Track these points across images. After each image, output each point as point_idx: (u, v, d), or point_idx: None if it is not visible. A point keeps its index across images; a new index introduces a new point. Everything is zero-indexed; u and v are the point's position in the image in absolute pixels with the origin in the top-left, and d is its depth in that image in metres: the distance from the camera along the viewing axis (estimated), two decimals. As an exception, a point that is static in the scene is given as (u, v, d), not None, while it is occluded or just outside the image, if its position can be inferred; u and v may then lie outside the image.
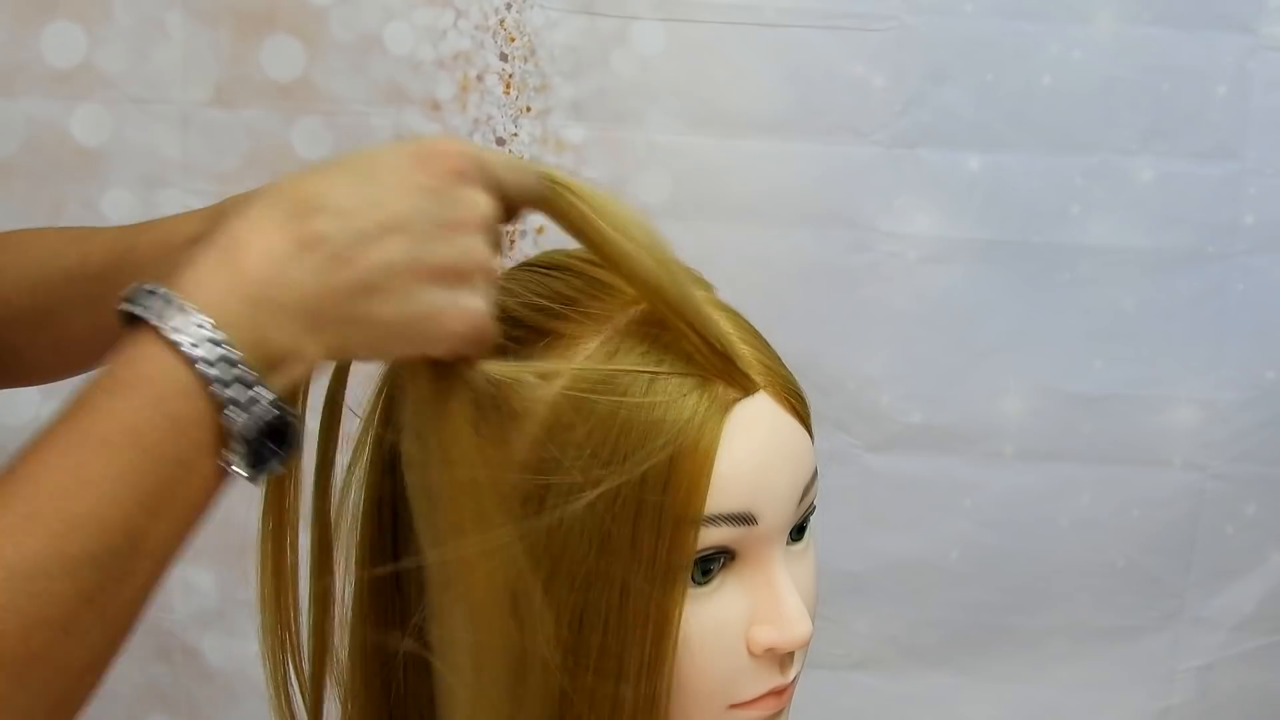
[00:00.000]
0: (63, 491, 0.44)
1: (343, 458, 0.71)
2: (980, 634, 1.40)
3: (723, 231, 1.32)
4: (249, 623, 0.72)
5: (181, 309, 0.47)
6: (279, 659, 0.68)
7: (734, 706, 0.61)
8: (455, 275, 0.53)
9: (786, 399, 0.62)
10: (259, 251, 0.49)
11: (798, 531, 0.64)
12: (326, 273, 0.49)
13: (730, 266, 0.75)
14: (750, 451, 0.59)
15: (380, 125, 1.30)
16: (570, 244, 0.70)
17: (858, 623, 1.40)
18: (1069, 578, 1.39)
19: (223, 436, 0.48)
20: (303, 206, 0.50)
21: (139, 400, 0.46)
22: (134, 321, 0.48)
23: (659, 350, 0.60)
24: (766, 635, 0.60)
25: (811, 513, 0.65)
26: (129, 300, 0.48)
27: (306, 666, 0.69)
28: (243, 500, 0.67)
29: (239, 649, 1.39)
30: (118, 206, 1.32)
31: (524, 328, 0.62)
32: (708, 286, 0.67)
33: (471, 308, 0.54)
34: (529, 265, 0.67)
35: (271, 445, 0.50)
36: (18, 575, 0.43)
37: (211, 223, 0.61)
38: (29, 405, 1.34)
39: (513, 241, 1.33)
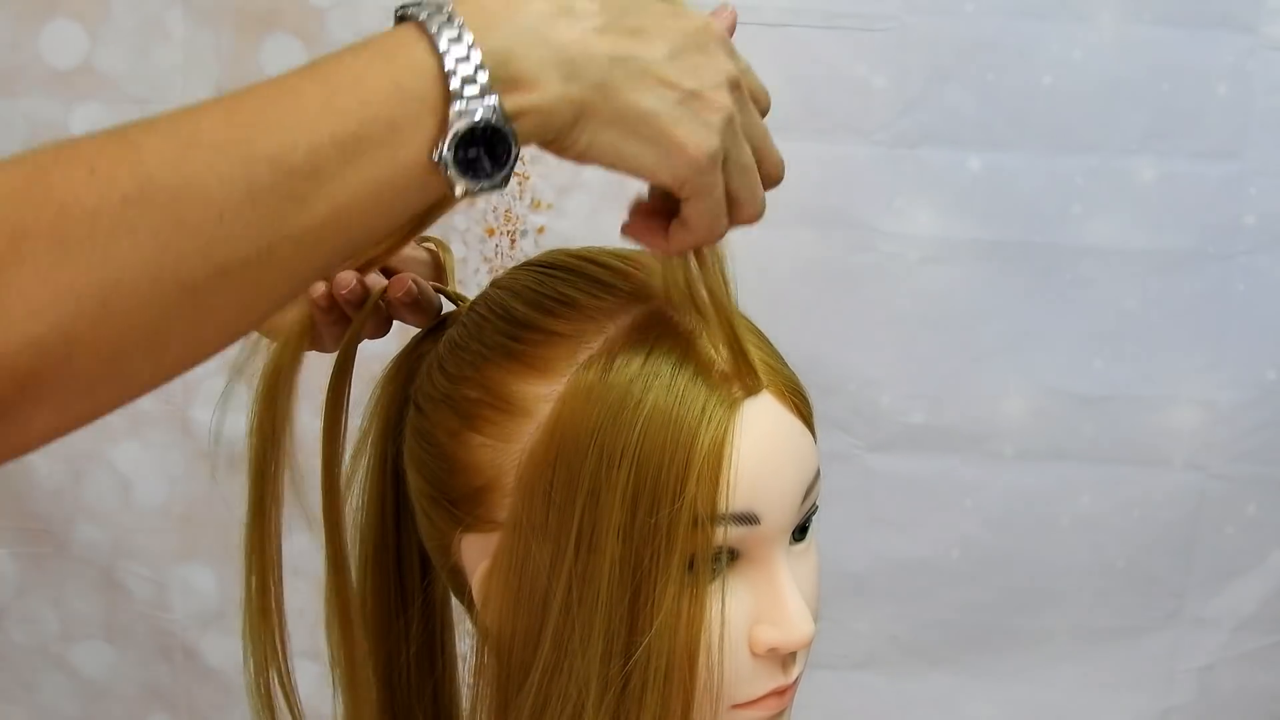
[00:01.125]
0: (267, 99, 0.47)
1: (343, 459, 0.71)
2: (981, 634, 1.40)
3: (723, 231, 1.31)
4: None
5: (443, 10, 0.49)
6: (262, 656, 0.68)
7: (736, 706, 0.61)
8: (699, 101, 0.54)
9: (790, 399, 0.62)
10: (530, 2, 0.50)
11: (800, 531, 0.64)
12: (590, 35, 0.51)
13: (730, 266, 0.75)
14: (754, 451, 0.59)
15: (380, 125, 1.30)
16: (571, 243, 0.70)
17: (859, 623, 1.40)
18: (1069, 578, 1.39)
19: (442, 127, 0.49)
20: None
21: (373, 57, 0.48)
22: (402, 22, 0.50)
23: (662, 350, 0.60)
24: (769, 635, 0.60)
25: (814, 513, 0.65)
26: (405, 6, 0.50)
27: (292, 664, 0.69)
28: (242, 501, 0.67)
29: (239, 649, 1.39)
30: (118, 206, 1.32)
31: (527, 327, 0.62)
32: None
33: (705, 136, 0.54)
34: (531, 265, 0.67)
35: (485, 158, 0.50)
36: (195, 145, 0.45)
37: None
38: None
39: (513, 241, 1.33)
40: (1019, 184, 1.31)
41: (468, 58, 0.48)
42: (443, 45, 0.48)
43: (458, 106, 0.48)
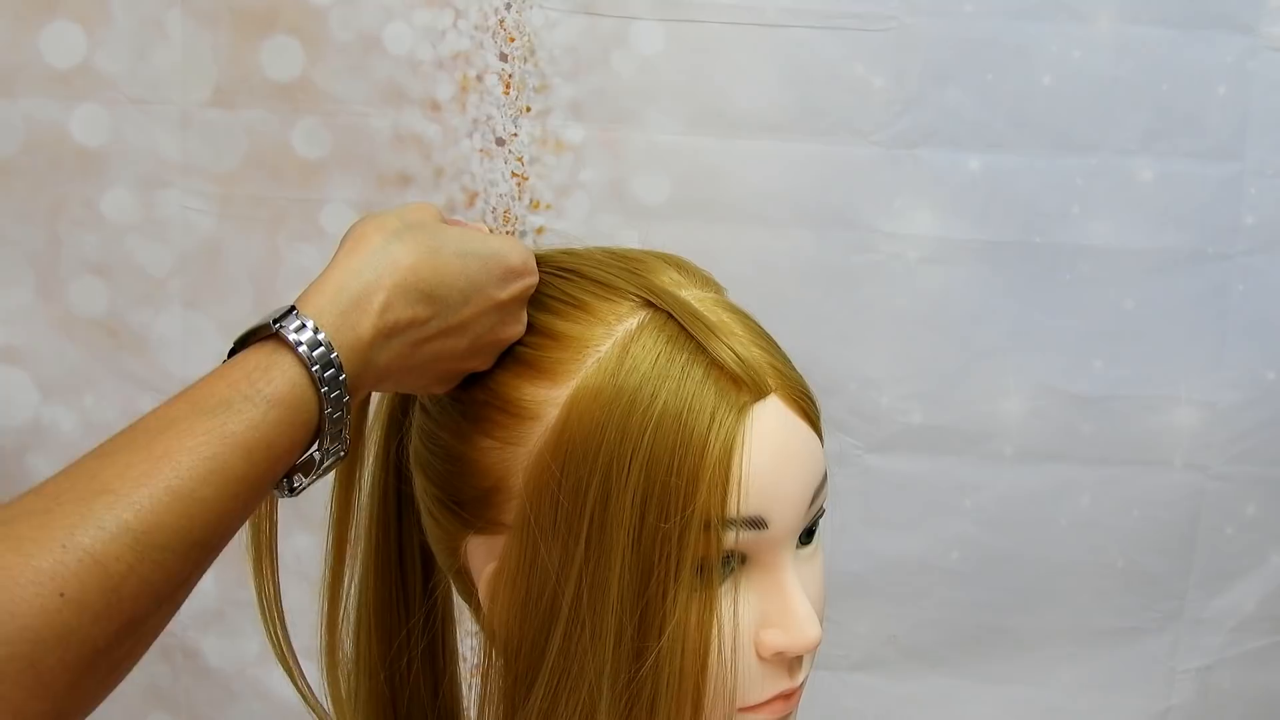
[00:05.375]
0: (199, 480, 0.49)
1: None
2: (980, 634, 1.40)
3: (723, 231, 1.31)
4: (249, 623, 0.72)
5: (326, 344, 0.53)
6: (280, 648, 0.68)
7: (743, 710, 0.61)
8: (481, 360, 0.63)
9: (798, 402, 0.62)
10: (381, 315, 0.56)
11: (807, 535, 0.64)
12: (406, 354, 0.58)
13: (730, 266, 0.75)
14: (763, 455, 0.59)
15: (380, 125, 1.30)
16: (571, 243, 0.70)
17: (858, 623, 1.40)
18: (1069, 578, 1.39)
19: (306, 467, 0.54)
20: (419, 289, 0.57)
21: (280, 422, 0.52)
22: (271, 338, 0.53)
23: (670, 353, 0.60)
24: (776, 639, 0.60)
25: (821, 515, 0.64)
26: (276, 320, 0.53)
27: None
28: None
29: (239, 649, 1.39)
30: (118, 206, 1.32)
31: (535, 331, 0.62)
32: (718, 288, 0.67)
33: (443, 390, 0.64)
34: (542, 264, 0.67)
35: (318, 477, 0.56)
36: (146, 545, 0.47)
37: None
38: (28, 405, 1.34)
39: (513, 242, 1.33)
40: (1018, 184, 1.31)
41: (336, 399, 0.53)
42: (324, 392, 0.53)
43: (330, 449, 0.55)
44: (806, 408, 0.63)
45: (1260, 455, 1.35)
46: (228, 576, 1.36)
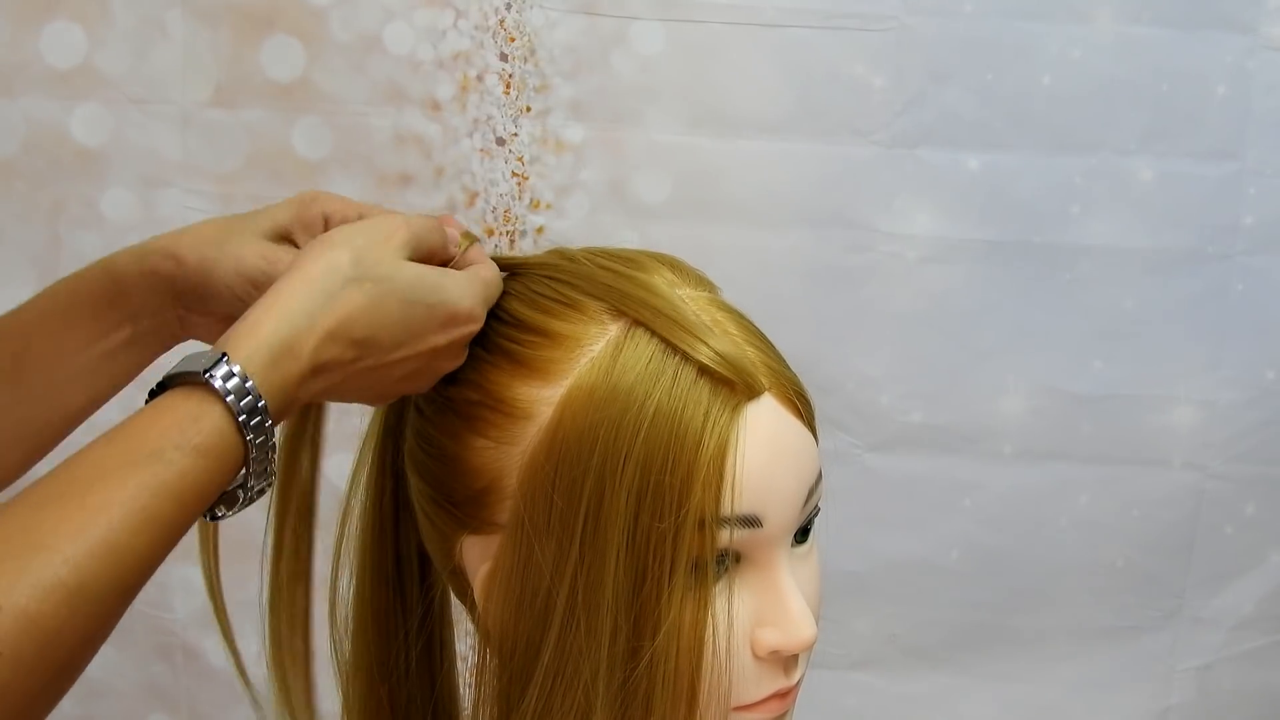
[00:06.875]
0: (132, 533, 0.49)
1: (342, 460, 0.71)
2: (980, 634, 1.40)
3: (723, 231, 1.32)
4: (249, 623, 0.72)
5: (253, 394, 0.53)
6: (280, 659, 0.69)
7: (739, 709, 0.61)
8: (416, 385, 0.64)
9: (792, 401, 0.62)
10: (310, 361, 0.56)
11: (802, 534, 0.64)
12: (332, 387, 0.59)
13: (730, 266, 0.75)
14: (757, 454, 0.59)
15: (380, 125, 1.30)
16: (571, 243, 0.70)
17: (858, 623, 1.40)
18: (1069, 578, 1.39)
19: (228, 500, 0.55)
20: (350, 335, 0.58)
21: (211, 470, 0.52)
22: (191, 383, 0.53)
23: (664, 352, 0.60)
24: (771, 638, 0.60)
25: (815, 514, 0.65)
26: (188, 367, 0.53)
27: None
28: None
29: (239, 649, 1.39)
30: (118, 206, 1.32)
31: (529, 329, 0.62)
32: (712, 287, 0.67)
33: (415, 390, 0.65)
34: (533, 266, 0.67)
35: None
36: (82, 600, 0.47)
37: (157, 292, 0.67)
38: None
39: (512, 242, 1.33)
40: (1018, 184, 1.31)
41: (260, 446, 0.54)
42: (249, 439, 0.54)
43: (252, 485, 0.55)
44: (801, 406, 0.63)
45: (1259, 455, 1.35)
46: (228, 576, 1.35)
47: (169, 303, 0.66)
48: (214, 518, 0.56)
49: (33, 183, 1.31)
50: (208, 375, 0.53)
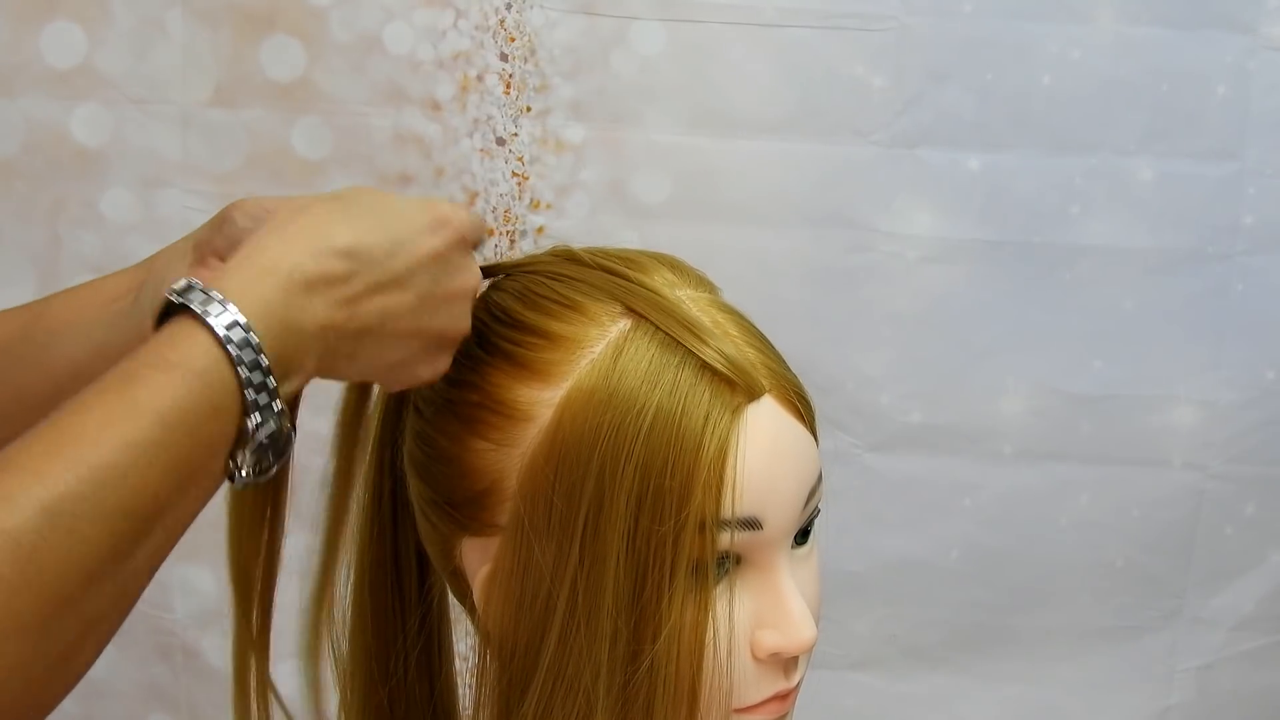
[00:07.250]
0: (109, 448, 0.47)
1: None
2: (980, 634, 1.40)
3: (723, 231, 1.32)
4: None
5: (226, 308, 0.51)
6: (246, 656, 0.69)
7: (739, 711, 0.61)
8: (439, 339, 0.61)
9: (792, 403, 0.62)
10: (289, 275, 0.54)
11: (802, 535, 0.64)
12: (339, 310, 0.55)
13: (730, 266, 0.75)
14: (757, 456, 0.59)
15: (380, 125, 1.30)
16: (573, 243, 0.70)
17: (858, 623, 1.40)
18: (1069, 578, 1.39)
19: (241, 438, 0.52)
20: (331, 246, 0.55)
21: (190, 384, 0.50)
22: (176, 311, 0.52)
23: (665, 354, 0.60)
24: (771, 640, 0.60)
25: (816, 516, 0.65)
26: (177, 292, 0.52)
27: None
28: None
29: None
30: (117, 206, 1.32)
31: (528, 331, 0.62)
32: (712, 288, 0.67)
33: (442, 365, 0.62)
34: (532, 266, 0.67)
35: (270, 457, 0.53)
36: (58, 513, 0.46)
37: (139, 283, 0.67)
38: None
39: (512, 241, 1.33)
40: (1018, 184, 1.31)
41: (255, 365, 0.51)
42: (233, 347, 0.51)
43: (253, 418, 0.52)
44: (801, 408, 0.63)
45: (1259, 455, 1.35)
46: (227, 576, 1.36)
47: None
48: (236, 478, 0.53)
49: (33, 183, 1.31)
50: (178, 298, 0.51)
